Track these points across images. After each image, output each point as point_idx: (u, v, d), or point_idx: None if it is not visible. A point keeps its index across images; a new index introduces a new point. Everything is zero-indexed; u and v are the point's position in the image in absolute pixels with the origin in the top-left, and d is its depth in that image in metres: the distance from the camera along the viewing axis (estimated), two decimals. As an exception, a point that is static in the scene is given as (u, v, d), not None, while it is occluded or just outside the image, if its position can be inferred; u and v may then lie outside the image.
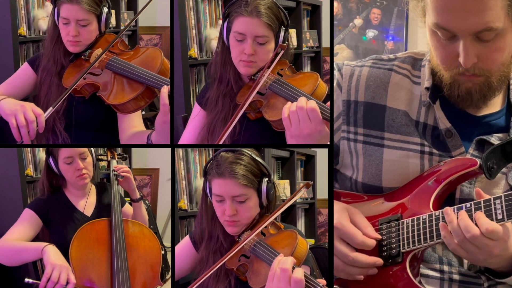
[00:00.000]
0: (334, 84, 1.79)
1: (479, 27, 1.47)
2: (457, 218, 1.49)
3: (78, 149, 2.09)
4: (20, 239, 2.03)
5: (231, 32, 1.90)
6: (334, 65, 1.82)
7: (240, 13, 1.87)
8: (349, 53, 3.92)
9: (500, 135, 1.66)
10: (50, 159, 2.10)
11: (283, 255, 1.70)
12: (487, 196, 1.52)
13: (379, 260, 1.62)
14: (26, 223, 2.08)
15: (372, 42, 3.91)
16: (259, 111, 1.90)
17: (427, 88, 1.68)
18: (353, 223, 1.65)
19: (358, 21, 3.90)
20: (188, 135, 2.03)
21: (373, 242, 1.62)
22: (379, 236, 1.64)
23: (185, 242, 1.97)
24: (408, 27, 3.85)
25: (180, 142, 2.06)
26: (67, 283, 1.86)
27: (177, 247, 1.98)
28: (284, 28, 1.91)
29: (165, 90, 1.85)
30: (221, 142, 1.83)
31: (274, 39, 1.90)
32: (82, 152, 2.10)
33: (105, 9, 2.07)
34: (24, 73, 2.16)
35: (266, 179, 1.83)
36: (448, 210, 1.51)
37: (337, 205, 1.70)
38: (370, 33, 3.91)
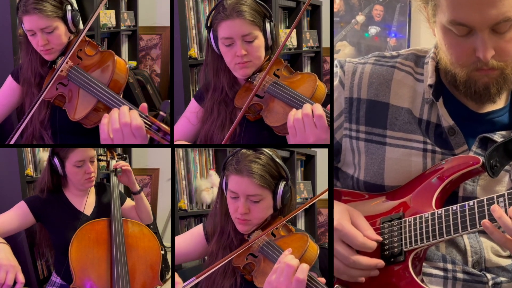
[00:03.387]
0: (336, 81, 1.78)
1: (497, 18, 1.47)
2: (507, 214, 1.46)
3: (89, 153, 2.09)
4: (1, 226, 2.04)
5: (219, 39, 1.90)
6: (336, 62, 1.81)
7: (221, 19, 1.88)
8: (351, 50, 3.90)
9: (503, 132, 1.66)
10: (55, 160, 2.09)
11: (291, 250, 1.69)
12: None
13: (380, 262, 1.61)
14: (14, 214, 2.09)
15: (374, 39, 3.89)
16: (259, 113, 1.90)
17: (430, 86, 1.68)
18: (354, 225, 1.64)
19: (360, 18, 3.89)
20: (181, 128, 2.03)
21: (374, 244, 1.61)
22: (380, 238, 1.63)
23: (198, 230, 1.96)
24: (411, 23, 3.82)
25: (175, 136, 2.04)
26: (15, 282, 1.83)
27: (187, 233, 1.98)
28: (268, 20, 1.91)
29: (104, 121, 1.73)
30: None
31: (261, 33, 1.90)
32: (92, 156, 2.10)
33: (68, 8, 1.98)
34: (9, 88, 2.11)
35: (284, 182, 1.81)
36: (496, 207, 1.47)
37: (338, 206, 1.69)
38: (373, 30, 3.89)
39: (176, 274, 1.77)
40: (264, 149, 1.80)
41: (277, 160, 1.81)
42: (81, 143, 2.07)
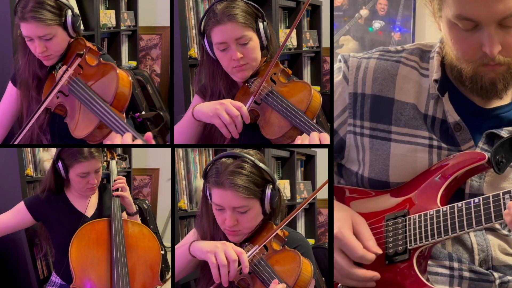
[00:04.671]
0: (340, 76, 1.77)
1: (504, 13, 1.46)
2: None
3: (94, 165, 2.08)
4: None
5: (213, 45, 1.89)
6: (340, 57, 1.80)
7: (213, 24, 1.86)
8: (355, 45, 3.88)
9: (510, 128, 1.64)
10: (59, 164, 2.08)
11: (277, 282, 1.65)
12: None
13: (376, 275, 1.59)
14: (11, 214, 2.13)
15: (378, 34, 3.87)
16: (257, 117, 1.90)
17: (435, 81, 1.66)
18: (356, 233, 1.62)
19: (364, 12, 3.86)
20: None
21: (372, 257, 1.59)
22: (380, 251, 1.60)
23: (192, 234, 1.91)
24: (415, 18, 3.80)
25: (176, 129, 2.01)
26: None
27: (183, 241, 1.94)
28: (260, 20, 1.89)
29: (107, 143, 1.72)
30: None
31: (255, 34, 1.89)
32: (97, 168, 2.09)
33: (69, 13, 1.91)
34: (10, 95, 2.08)
35: (270, 186, 1.74)
36: None
37: (342, 212, 1.67)
38: (377, 24, 3.86)
39: (233, 244, 1.70)
40: (246, 154, 1.73)
41: (261, 165, 1.73)
42: (86, 144, 2.07)
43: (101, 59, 1.91)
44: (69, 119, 1.86)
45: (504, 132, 1.62)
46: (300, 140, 1.76)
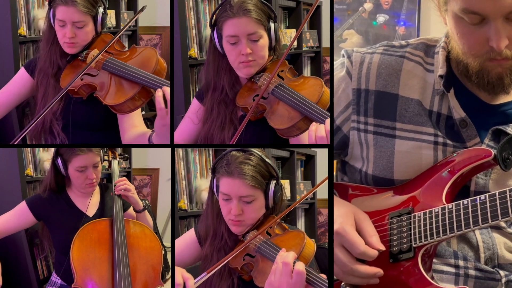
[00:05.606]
0: (343, 72, 1.75)
1: (511, 7, 1.45)
2: None
3: (92, 159, 2.10)
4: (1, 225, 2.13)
5: (223, 38, 1.91)
6: (343, 52, 1.78)
7: (227, 17, 1.89)
8: (359, 39, 3.85)
9: None
10: (59, 160, 2.10)
11: (285, 250, 1.71)
12: None
13: (380, 271, 1.57)
14: (13, 214, 2.15)
15: (382, 27, 3.84)
16: (261, 113, 1.90)
17: (441, 76, 1.64)
18: (359, 229, 1.60)
19: (368, 6, 3.83)
20: (185, 129, 2.03)
21: (375, 253, 1.57)
22: (383, 247, 1.58)
23: (189, 235, 1.97)
24: (420, 11, 3.77)
25: (176, 134, 2.03)
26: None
27: (179, 239, 1.98)
28: (272, 20, 1.92)
29: (159, 93, 1.83)
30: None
31: (266, 33, 1.91)
32: (95, 162, 2.11)
33: (101, 10, 2.06)
34: (20, 79, 2.14)
35: (274, 181, 1.82)
36: None
37: (344, 208, 1.65)
38: (381, 18, 3.84)
39: (184, 270, 1.76)
40: (253, 150, 1.81)
41: (267, 160, 1.82)
42: (87, 143, 2.08)
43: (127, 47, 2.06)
44: (99, 92, 1.98)
45: (510, 129, 1.60)
46: (315, 127, 1.76)
